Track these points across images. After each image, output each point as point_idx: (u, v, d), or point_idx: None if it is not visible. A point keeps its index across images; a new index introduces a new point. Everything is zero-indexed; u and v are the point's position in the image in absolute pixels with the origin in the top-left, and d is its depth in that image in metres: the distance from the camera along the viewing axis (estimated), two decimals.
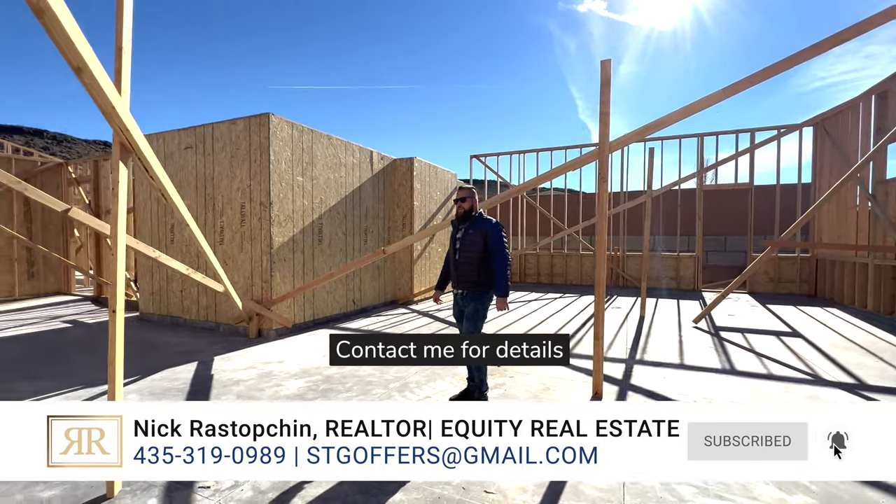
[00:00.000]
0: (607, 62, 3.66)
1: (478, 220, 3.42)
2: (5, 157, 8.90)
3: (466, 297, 3.39)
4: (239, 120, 6.09)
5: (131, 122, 2.33)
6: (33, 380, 4.08)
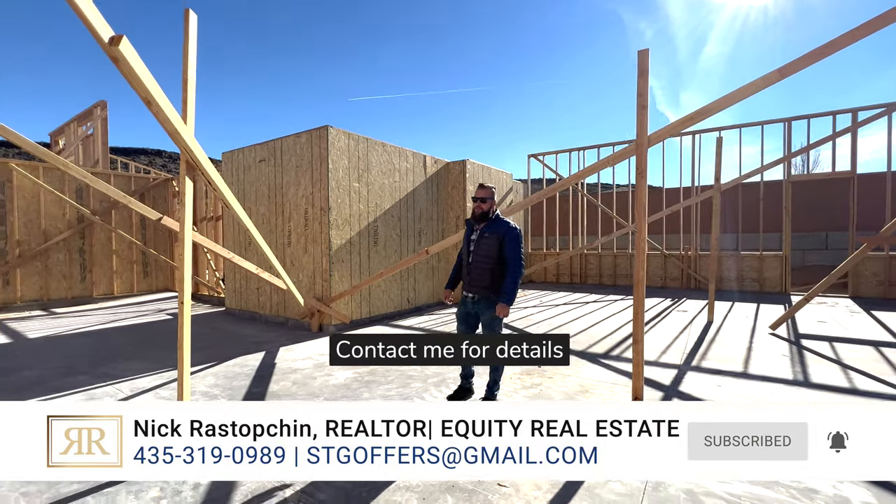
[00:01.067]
0: (644, 52, 3.50)
1: (495, 221, 3.34)
2: (127, 176, 10.61)
3: (478, 303, 3.31)
4: (303, 133, 6.70)
5: (195, 144, 2.77)
6: (131, 360, 4.89)
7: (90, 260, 9.63)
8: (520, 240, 3.29)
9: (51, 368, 4.62)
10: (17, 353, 5.36)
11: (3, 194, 8.41)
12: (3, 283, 8.46)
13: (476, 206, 3.38)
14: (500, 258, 3.26)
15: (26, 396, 3.77)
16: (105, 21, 2.12)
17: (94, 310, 8.69)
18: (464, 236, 3.55)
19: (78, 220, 9.36)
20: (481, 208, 3.36)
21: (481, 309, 3.32)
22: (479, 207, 3.37)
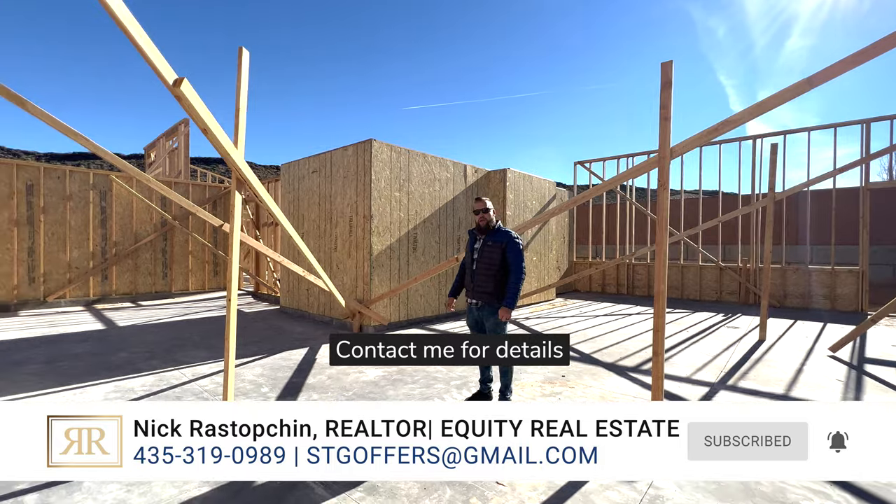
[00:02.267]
0: (668, 64, 3.49)
1: (497, 232, 3.53)
2: (203, 185, 11.89)
3: (482, 309, 3.50)
4: (349, 147, 7.21)
5: (244, 165, 3.21)
6: (197, 349, 5.56)
7: (170, 259, 10.92)
8: (521, 248, 3.46)
9: (135, 352, 5.40)
10: (110, 338, 6.29)
11: (104, 202, 9.82)
12: (102, 278, 9.84)
13: (479, 217, 3.57)
14: (502, 266, 3.45)
15: (118, 374, 4.47)
16: (169, 65, 2.59)
17: (171, 303, 9.85)
18: (467, 246, 3.75)
19: (161, 224, 10.67)
20: (484, 219, 3.54)
21: (486, 315, 3.50)
22: (482, 219, 3.55)
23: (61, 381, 4.29)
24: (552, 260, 10.56)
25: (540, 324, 7.55)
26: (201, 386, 4.17)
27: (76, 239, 9.42)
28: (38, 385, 4.15)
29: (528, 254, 9.62)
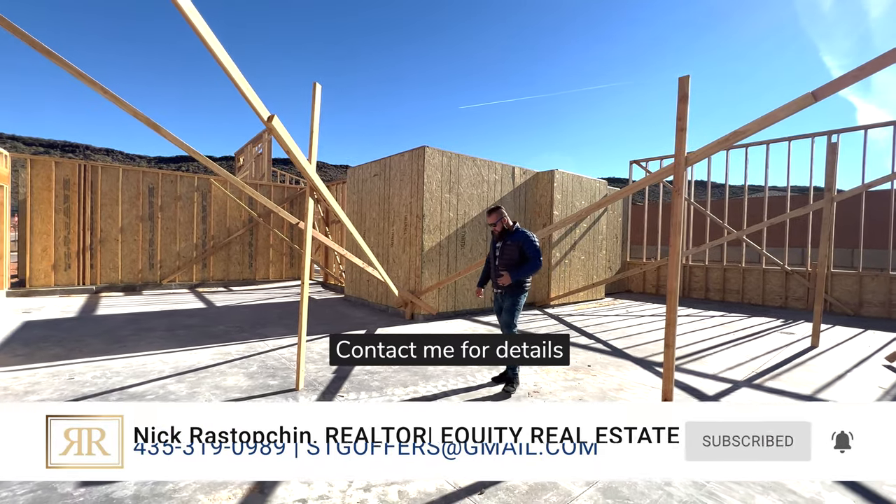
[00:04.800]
0: (685, 78, 3.76)
1: (515, 233, 4.07)
2: (282, 186, 13.48)
3: (504, 296, 4.05)
4: (406, 152, 8.00)
5: (316, 177, 4.04)
6: (276, 326, 6.66)
7: (255, 251, 12.58)
8: (536, 244, 3.96)
9: (230, 326, 6.62)
10: (210, 314, 7.67)
11: (205, 201, 11.62)
12: (202, 266, 11.66)
13: (493, 229, 4.17)
14: (520, 261, 3.98)
15: (218, 342, 5.63)
16: (263, 105, 3.44)
17: (255, 289, 11.42)
18: (490, 246, 4.38)
19: (248, 221, 12.33)
20: (498, 228, 4.14)
21: (506, 299, 4.05)
22: (495, 229, 4.15)
23: (179, 344, 5.51)
24: (602, 259, 10.63)
25: (580, 320, 7.82)
26: (280, 354, 5.15)
27: (183, 233, 11.28)
28: (164, 346, 5.39)
29: (575, 252, 9.83)
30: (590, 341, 6.20)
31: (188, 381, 4.12)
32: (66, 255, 9.71)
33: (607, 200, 4.97)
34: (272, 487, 2.42)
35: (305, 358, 4.83)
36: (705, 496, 2.44)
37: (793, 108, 3.14)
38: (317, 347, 5.48)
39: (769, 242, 10.12)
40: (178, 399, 3.66)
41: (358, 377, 4.37)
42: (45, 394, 3.70)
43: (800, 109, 3.12)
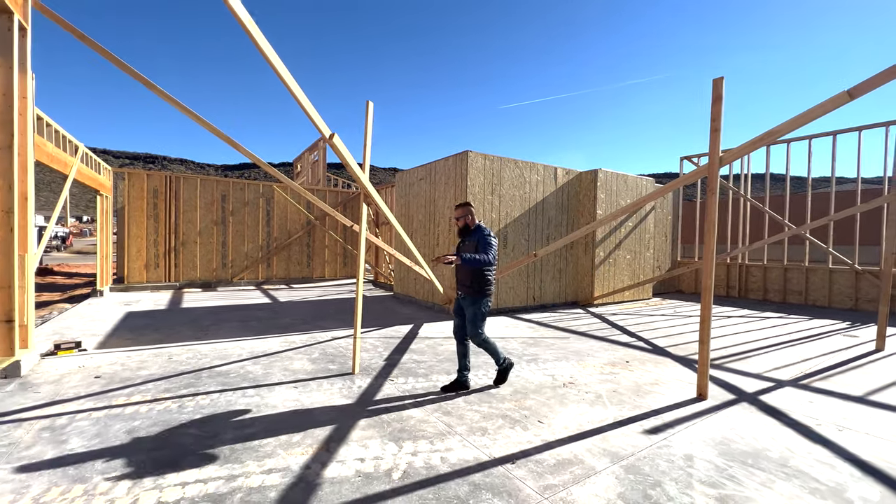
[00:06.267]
0: (719, 80, 3.84)
1: (473, 231, 3.93)
2: (336, 191, 14.42)
3: (465, 300, 3.92)
4: (450, 157, 8.41)
5: (369, 184, 4.53)
6: (333, 320, 7.31)
7: (312, 252, 13.58)
8: (489, 240, 3.78)
9: (293, 319, 7.37)
10: (275, 308, 8.53)
11: (269, 206, 12.74)
12: (266, 265, 12.79)
13: (457, 223, 4.03)
14: None
15: (284, 332, 6.33)
16: (325, 124, 3.97)
17: (313, 286, 12.35)
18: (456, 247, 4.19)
19: (306, 224, 13.33)
20: (458, 225, 4.02)
21: (466, 305, 3.91)
22: (457, 223, 4.02)
23: (252, 333, 6.27)
24: (649, 259, 10.45)
25: (623, 319, 7.83)
26: (337, 343, 5.73)
27: (250, 235, 12.45)
28: (240, 334, 6.17)
29: (620, 251, 9.76)
30: (631, 339, 6.26)
31: (262, 363, 4.78)
32: (155, 256, 11.11)
33: (644, 199, 5.06)
34: (336, 447, 2.89)
35: (360, 347, 5.37)
36: (726, 478, 2.61)
37: (828, 107, 3.17)
38: (369, 339, 6.02)
39: (837, 240, 9.46)
40: (256, 378, 4.29)
41: (406, 365, 4.82)
42: (152, 370, 4.48)
43: (835, 108, 3.14)
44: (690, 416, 3.51)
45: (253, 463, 2.67)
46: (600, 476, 2.61)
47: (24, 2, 4.17)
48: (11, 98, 4.02)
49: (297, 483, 2.47)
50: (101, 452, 2.76)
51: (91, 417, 3.28)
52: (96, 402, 3.59)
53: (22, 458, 2.67)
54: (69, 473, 2.51)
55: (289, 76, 3.53)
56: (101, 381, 4.10)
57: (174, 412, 3.41)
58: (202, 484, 2.44)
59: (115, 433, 3.03)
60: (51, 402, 3.56)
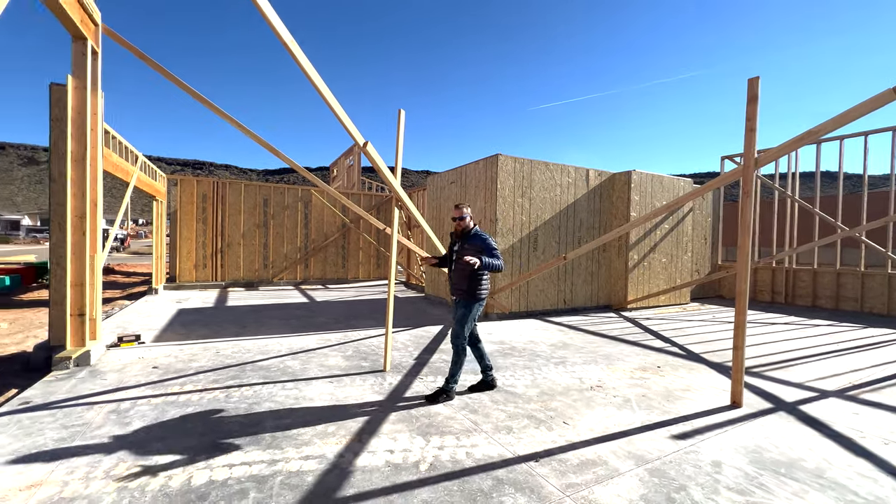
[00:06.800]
0: (755, 80, 3.75)
1: (473, 235, 3.85)
2: (370, 195, 14.84)
3: (458, 303, 3.87)
4: (480, 161, 8.52)
5: (400, 189, 4.72)
6: (366, 319, 7.57)
7: (347, 253, 14.03)
8: (493, 247, 3.76)
9: (329, 318, 7.70)
10: (312, 307, 8.92)
11: (307, 210, 13.29)
12: (304, 266, 13.34)
13: (455, 224, 3.91)
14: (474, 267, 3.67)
15: (321, 330, 6.65)
16: (359, 133, 4.18)
17: (348, 287, 12.77)
18: (448, 248, 4.11)
19: (342, 226, 13.80)
20: (460, 226, 3.89)
21: (459, 307, 3.89)
22: (458, 226, 3.89)
23: (291, 330, 6.61)
24: (686, 262, 10.11)
25: (657, 324, 7.64)
26: (370, 342, 5.95)
27: (289, 237, 13.03)
28: (279, 331, 6.53)
29: (655, 255, 9.52)
30: (664, 344, 6.13)
31: (300, 358, 5.06)
32: (203, 257, 11.86)
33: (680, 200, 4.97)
34: (367, 438, 3.07)
35: (391, 346, 5.56)
36: (755, 486, 2.57)
37: (871, 106, 3.04)
38: (400, 338, 6.21)
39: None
40: (294, 372, 4.56)
41: (436, 364, 4.97)
42: (202, 362, 4.85)
43: (879, 107, 3.01)
44: (722, 424, 3.44)
45: (292, 449, 2.89)
46: (624, 477, 2.63)
47: (96, 28, 4.65)
48: (85, 115, 4.50)
49: (331, 469, 2.66)
50: (159, 434, 3.06)
51: (150, 403, 3.63)
52: (154, 389, 3.96)
53: (94, 437, 3.01)
54: (133, 451, 2.82)
55: (326, 90, 3.76)
56: (158, 371, 4.50)
57: (222, 401, 3.71)
58: (247, 466, 2.67)
59: (171, 418, 3.34)
60: (116, 389, 3.95)
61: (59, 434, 3.03)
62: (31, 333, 6.48)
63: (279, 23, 3.39)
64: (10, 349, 5.59)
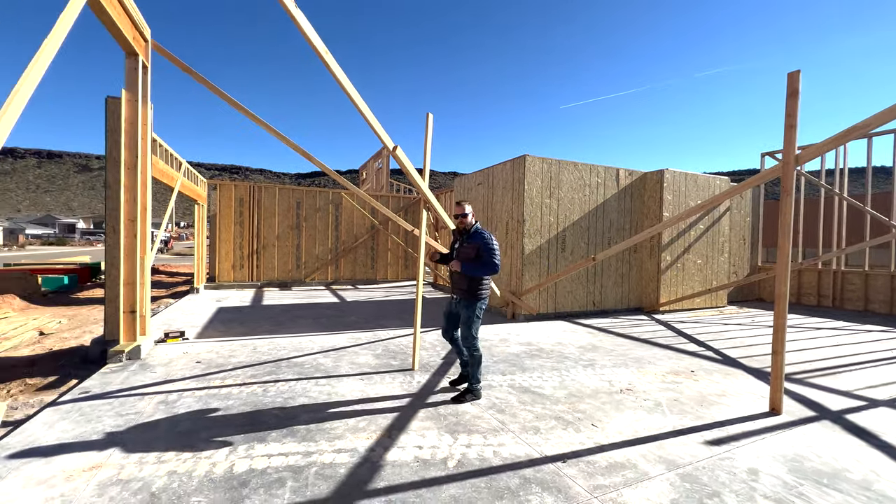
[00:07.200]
0: (795, 74, 3.61)
1: (474, 233, 3.83)
2: (399, 197, 15.06)
3: (459, 303, 3.85)
4: (508, 162, 8.51)
5: (428, 192, 4.81)
6: (394, 319, 7.71)
7: (376, 255, 14.30)
8: (492, 247, 3.72)
9: (358, 318, 7.89)
10: (342, 307, 9.16)
11: (337, 212, 13.64)
12: (335, 267, 13.69)
13: (458, 221, 3.90)
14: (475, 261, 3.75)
15: (350, 329, 6.83)
16: (389, 137, 4.29)
17: (376, 287, 13.02)
18: (451, 245, 4.14)
19: (371, 228, 14.08)
20: (463, 223, 3.88)
21: (461, 308, 3.85)
22: (461, 223, 3.88)
23: (322, 329, 6.83)
24: (723, 264, 9.72)
25: (692, 327, 7.40)
26: (399, 341, 6.07)
27: (321, 239, 13.41)
28: (312, 330, 6.75)
29: (689, 256, 9.22)
30: (698, 348, 5.94)
31: (332, 356, 5.23)
32: (240, 258, 12.39)
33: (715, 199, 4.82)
34: (397, 434, 3.16)
35: (419, 346, 5.65)
36: (794, 496, 2.48)
37: None
38: (428, 338, 6.30)
39: None
40: (326, 369, 4.73)
41: None
42: (241, 358, 5.10)
43: None
44: (759, 431, 3.33)
45: (325, 442, 3.01)
46: (654, 481, 2.60)
47: (146, 45, 4.99)
48: (136, 126, 4.83)
49: (362, 463, 2.76)
50: (203, 424, 3.26)
51: (194, 395, 3.86)
52: (198, 383, 4.20)
53: (146, 425, 3.24)
54: (181, 439, 3.02)
55: (357, 96, 3.90)
56: (201, 365, 4.76)
57: (259, 395, 3.90)
58: (284, 457, 2.81)
59: (214, 410, 3.55)
60: (164, 381, 4.22)
61: (115, 421, 3.28)
62: (88, 329, 6.98)
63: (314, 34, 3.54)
64: (69, 343, 6.05)
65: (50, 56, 2.72)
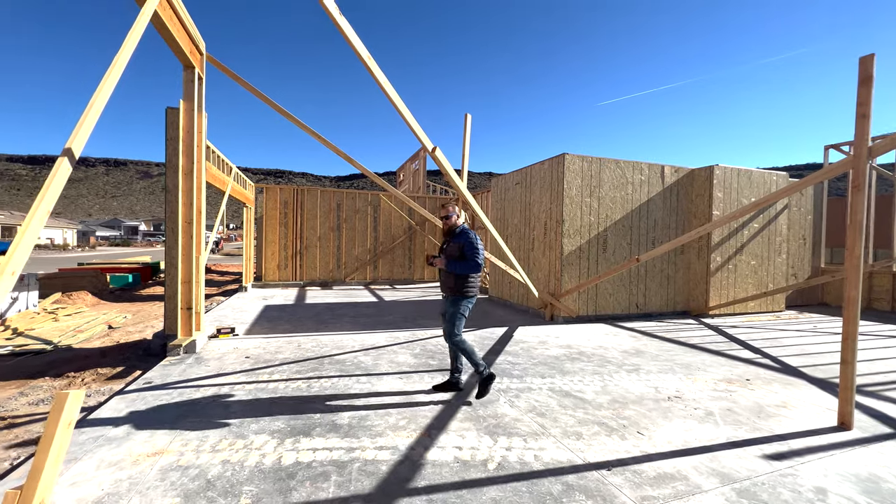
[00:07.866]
0: (868, 58, 3.31)
1: (459, 233, 3.93)
2: (435, 197, 15.17)
3: (447, 301, 3.92)
4: (546, 161, 8.36)
5: (466, 192, 4.81)
6: (431, 319, 7.76)
7: (413, 255, 14.47)
8: (475, 245, 3.80)
9: (396, 317, 8.01)
10: (381, 306, 9.33)
11: (375, 213, 13.92)
12: (373, 267, 13.97)
13: (443, 223, 4.05)
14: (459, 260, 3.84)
15: (389, 328, 6.95)
16: (428, 138, 4.33)
17: (413, 287, 13.16)
18: (439, 246, 4.19)
19: (408, 229, 14.26)
20: (447, 224, 4.01)
21: (448, 305, 3.92)
22: (445, 225, 4.02)
23: (362, 328, 6.99)
24: (780, 265, 9.07)
25: (745, 333, 6.95)
26: (437, 341, 6.11)
27: (360, 240, 13.74)
28: (352, 328, 6.93)
29: (742, 256, 8.68)
30: (753, 355, 5.57)
31: (371, 355, 5.34)
32: (284, 258, 12.92)
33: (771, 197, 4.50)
34: (436, 434, 3.17)
35: None
36: None
37: None
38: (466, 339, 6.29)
39: None
40: (367, 367, 4.83)
41: (501, 366, 4.97)
42: (286, 354, 5.31)
43: None
44: (826, 446, 3.08)
45: (367, 439, 3.08)
46: (707, 496, 2.46)
47: (202, 58, 5.30)
48: (193, 133, 5.15)
49: (403, 461, 2.79)
50: (253, 417, 3.42)
51: (245, 389, 4.06)
52: (248, 377, 4.41)
53: (202, 415, 3.44)
54: (233, 430, 3.18)
55: (398, 99, 3.96)
56: (250, 360, 5.00)
57: (304, 390, 4.04)
58: (328, 451, 2.89)
59: (262, 403, 3.71)
60: (217, 375, 4.46)
61: (174, 411, 3.51)
62: (149, 324, 7.51)
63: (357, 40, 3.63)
64: (134, 336, 6.54)
65: (120, 70, 2.95)
